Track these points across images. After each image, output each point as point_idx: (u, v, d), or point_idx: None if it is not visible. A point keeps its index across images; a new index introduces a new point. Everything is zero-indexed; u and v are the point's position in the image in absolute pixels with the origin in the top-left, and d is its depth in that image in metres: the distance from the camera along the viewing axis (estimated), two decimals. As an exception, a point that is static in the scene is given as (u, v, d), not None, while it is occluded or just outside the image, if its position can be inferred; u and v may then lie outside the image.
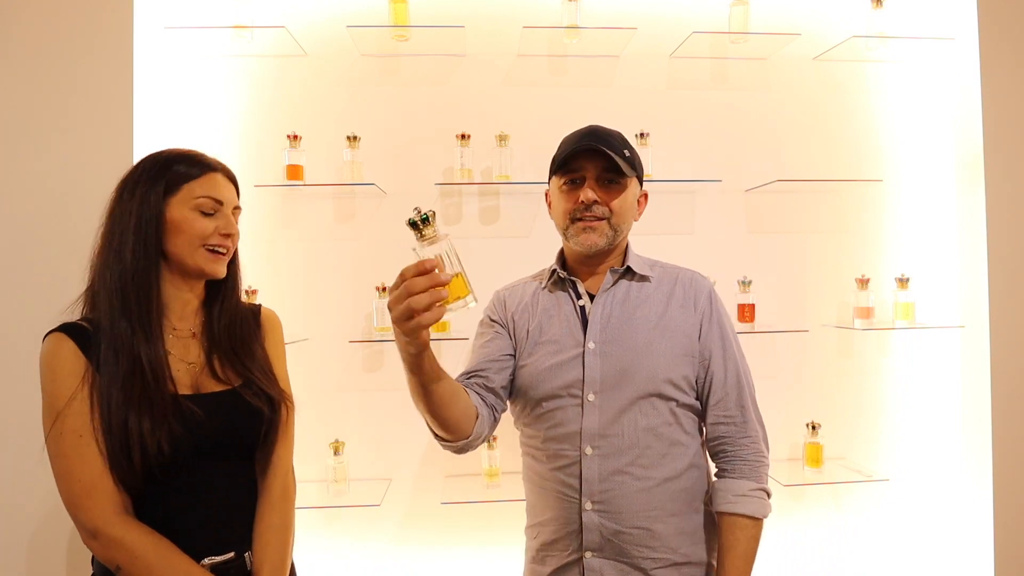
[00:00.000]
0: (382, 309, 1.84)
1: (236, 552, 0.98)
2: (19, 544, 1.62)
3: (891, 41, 1.90)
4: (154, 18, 1.76)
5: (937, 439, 2.03)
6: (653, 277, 1.16)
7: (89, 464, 0.88)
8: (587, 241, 1.10)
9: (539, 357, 1.14)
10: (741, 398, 1.10)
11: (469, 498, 1.83)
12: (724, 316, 1.14)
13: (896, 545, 2.02)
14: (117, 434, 0.89)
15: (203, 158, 1.02)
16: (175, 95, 1.84)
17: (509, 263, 1.96)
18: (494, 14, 1.91)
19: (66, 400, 0.89)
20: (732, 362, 1.11)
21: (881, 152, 2.04)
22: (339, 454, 1.81)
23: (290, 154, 1.81)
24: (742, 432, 1.09)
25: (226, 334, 1.04)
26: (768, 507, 1.07)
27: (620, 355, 1.08)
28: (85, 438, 0.89)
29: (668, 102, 1.99)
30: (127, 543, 0.88)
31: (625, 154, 1.10)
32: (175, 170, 0.97)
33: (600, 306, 1.13)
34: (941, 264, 2.02)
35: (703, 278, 1.18)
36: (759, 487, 1.07)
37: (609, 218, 1.10)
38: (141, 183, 0.96)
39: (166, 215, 0.96)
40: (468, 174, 1.87)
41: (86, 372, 0.91)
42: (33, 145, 1.64)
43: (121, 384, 0.90)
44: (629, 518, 1.05)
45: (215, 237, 0.99)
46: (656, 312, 1.11)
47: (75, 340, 0.92)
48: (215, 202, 0.99)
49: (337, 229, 1.93)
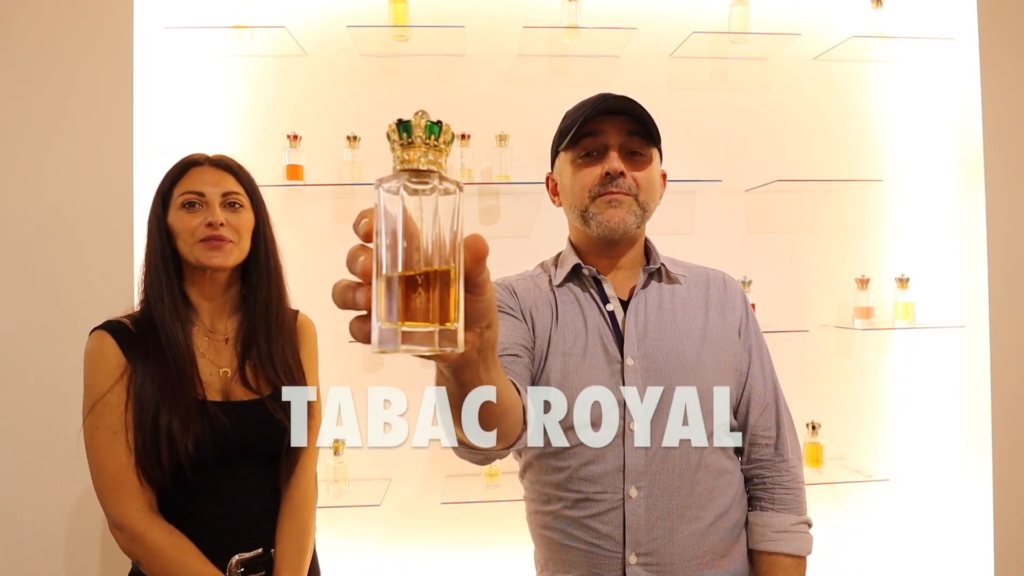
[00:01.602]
0: (382, 309, 1.84)
1: (264, 548, 1.02)
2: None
3: (891, 41, 1.90)
4: (154, 18, 1.76)
5: (937, 439, 2.03)
6: (684, 278, 1.01)
7: (119, 460, 0.92)
8: (614, 218, 0.92)
9: (566, 370, 0.94)
10: (779, 414, 0.99)
11: (469, 498, 1.83)
12: (756, 322, 1.03)
13: (896, 545, 2.02)
14: (149, 432, 0.93)
15: (189, 157, 1.05)
16: (175, 95, 1.84)
17: (509, 263, 1.95)
18: (494, 14, 1.91)
19: (102, 396, 0.93)
20: (770, 373, 1.00)
21: (881, 152, 2.03)
22: (339, 454, 1.81)
23: (290, 154, 1.81)
24: (781, 456, 0.97)
25: (277, 348, 1.07)
26: (811, 542, 0.95)
27: (668, 373, 0.91)
28: (118, 435, 0.93)
29: (668, 102, 1.99)
30: (147, 540, 0.92)
31: (648, 119, 0.95)
32: (168, 177, 1.03)
33: (635, 312, 0.95)
34: (941, 264, 2.02)
35: (733, 279, 1.06)
36: (801, 520, 0.95)
37: (637, 194, 0.93)
38: (155, 196, 1.04)
39: (167, 222, 1.02)
40: (468, 174, 1.87)
41: (124, 370, 0.95)
42: (33, 145, 1.64)
43: (154, 384, 0.94)
44: (681, 569, 0.88)
45: (202, 229, 1.01)
46: (698, 321, 0.97)
47: (116, 338, 0.96)
48: (195, 195, 1.02)
49: (337, 229, 1.93)
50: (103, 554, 1.64)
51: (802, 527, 0.95)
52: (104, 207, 1.63)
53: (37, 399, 1.62)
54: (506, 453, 0.80)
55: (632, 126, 0.94)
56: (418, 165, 0.41)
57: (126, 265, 1.63)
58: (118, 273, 1.63)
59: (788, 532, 0.93)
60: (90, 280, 1.63)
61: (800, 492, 0.97)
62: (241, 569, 0.98)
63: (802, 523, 0.95)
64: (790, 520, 0.94)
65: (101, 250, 1.63)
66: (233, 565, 0.98)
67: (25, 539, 1.62)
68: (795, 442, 1.00)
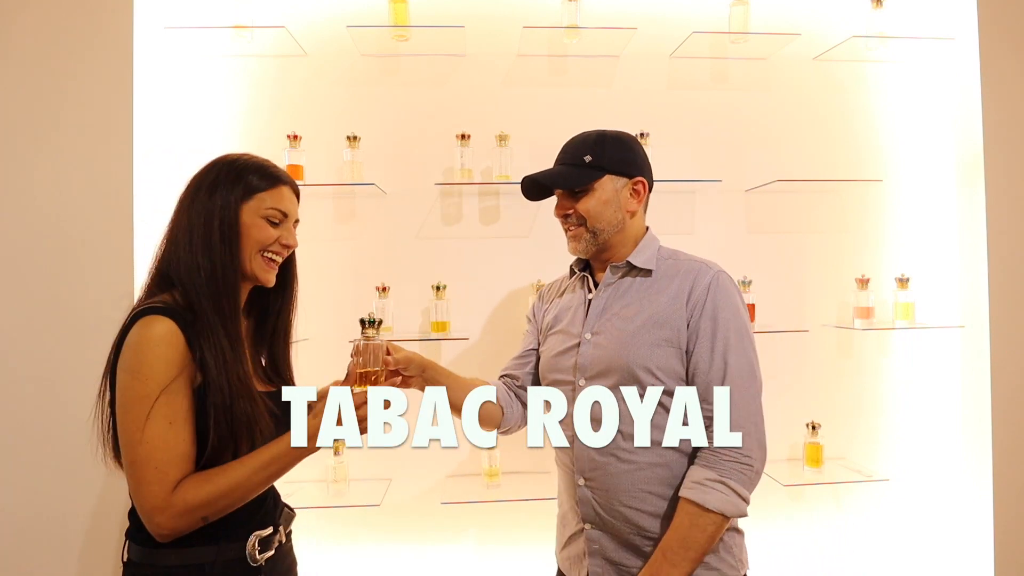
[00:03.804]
0: (382, 309, 1.85)
1: (273, 527, 1.06)
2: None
3: (891, 41, 1.90)
4: (154, 18, 1.76)
5: (937, 439, 2.03)
6: (657, 271, 1.17)
7: (172, 451, 0.91)
8: (572, 249, 1.22)
9: (549, 345, 1.25)
10: (721, 395, 1.06)
11: (469, 498, 1.83)
12: (724, 309, 1.11)
13: (896, 545, 2.02)
14: (228, 421, 0.93)
15: (276, 170, 1.08)
16: (175, 95, 1.84)
17: (509, 263, 1.97)
18: (494, 14, 1.92)
19: (163, 386, 0.90)
20: (720, 355, 1.08)
21: (881, 152, 2.03)
22: (339, 454, 1.81)
23: (290, 154, 1.81)
24: (714, 430, 1.05)
25: (281, 342, 1.15)
26: (727, 503, 1.02)
27: (606, 344, 1.13)
28: (175, 425, 0.91)
29: (668, 102, 1.99)
30: (195, 499, 0.91)
31: (586, 160, 1.15)
32: (250, 179, 1.03)
33: (599, 299, 1.19)
34: (941, 264, 2.02)
35: (708, 269, 1.15)
36: (719, 479, 1.04)
37: (585, 223, 1.17)
38: (221, 186, 1.02)
39: (240, 219, 1.02)
40: (468, 174, 1.87)
41: (186, 360, 0.93)
42: (33, 145, 1.64)
43: (227, 373, 0.95)
44: (617, 496, 1.10)
45: (275, 245, 1.05)
46: (649, 304, 1.13)
47: (180, 325, 0.93)
48: (282, 214, 1.06)
49: (337, 229, 1.93)
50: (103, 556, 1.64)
51: (719, 485, 1.03)
52: (104, 207, 1.63)
53: (36, 399, 1.62)
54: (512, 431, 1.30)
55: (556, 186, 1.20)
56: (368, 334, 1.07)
57: (126, 265, 1.63)
58: (118, 273, 1.63)
59: (701, 484, 1.04)
60: (90, 280, 1.63)
61: (731, 461, 1.04)
62: (258, 548, 1.01)
63: (719, 481, 1.03)
64: (707, 475, 1.04)
65: (101, 250, 1.63)
66: (252, 545, 1.01)
67: (24, 539, 1.62)
68: (756, 429, 1.07)
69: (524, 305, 1.95)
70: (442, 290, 1.86)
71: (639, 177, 1.18)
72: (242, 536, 1.00)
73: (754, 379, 1.10)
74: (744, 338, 1.11)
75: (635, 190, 1.18)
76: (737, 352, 1.09)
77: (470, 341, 1.93)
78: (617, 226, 1.18)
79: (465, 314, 1.94)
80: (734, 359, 1.09)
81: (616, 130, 1.21)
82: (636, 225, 1.21)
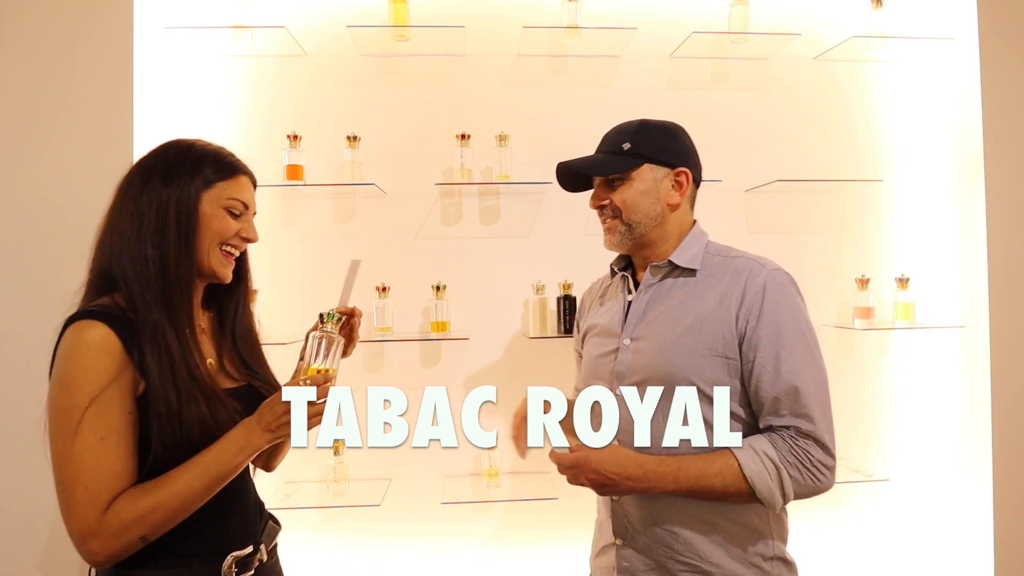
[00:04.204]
0: (382, 309, 1.85)
1: (253, 546, 0.98)
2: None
3: (891, 41, 1.90)
4: (154, 18, 1.76)
5: (937, 439, 2.03)
6: (703, 270, 1.07)
7: (104, 468, 0.81)
8: (607, 243, 1.13)
9: (588, 348, 1.18)
10: (797, 406, 0.96)
11: (469, 498, 1.84)
12: (785, 314, 0.99)
13: (896, 545, 2.02)
14: (175, 428, 0.85)
15: (235, 159, 1.00)
16: (175, 95, 1.84)
17: (509, 263, 1.97)
18: (494, 14, 1.91)
19: (93, 396, 0.81)
20: (788, 374, 0.96)
21: (881, 152, 2.03)
22: (339, 454, 1.81)
23: (290, 154, 1.81)
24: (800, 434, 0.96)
25: (242, 340, 1.06)
26: (764, 486, 0.94)
27: (647, 351, 1.04)
28: (107, 440, 0.81)
29: (668, 102, 1.99)
30: (128, 515, 0.81)
31: (624, 148, 1.08)
32: (210, 167, 0.95)
33: (639, 301, 1.10)
34: (941, 264, 2.02)
35: (761, 267, 1.03)
36: (777, 464, 0.94)
37: (620, 215, 1.08)
38: (178, 173, 0.93)
39: (200, 209, 0.93)
40: (468, 174, 1.87)
41: (124, 367, 0.84)
42: (33, 145, 1.64)
43: (173, 377, 0.86)
44: (653, 515, 1.02)
45: (235, 238, 0.98)
46: (693, 308, 1.03)
47: (115, 329, 0.84)
48: (243, 205, 0.99)
49: (337, 229, 1.93)
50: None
51: (770, 465, 0.94)
52: (104, 207, 1.63)
53: (35, 399, 1.61)
54: None
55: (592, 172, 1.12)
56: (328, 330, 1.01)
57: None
58: (118, 273, 1.63)
59: (755, 452, 0.95)
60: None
61: (803, 462, 0.95)
62: (235, 569, 0.93)
63: (774, 464, 0.94)
64: (767, 450, 0.95)
65: (101, 250, 1.63)
66: (228, 566, 0.92)
67: (16, 537, 1.62)
68: (831, 443, 0.98)
69: (524, 305, 1.96)
70: (442, 290, 1.86)
71: (682, 168, 1.10)
72: (218, 556, 0.92)
73: (828, 394, 1.00)
74: (812, 347, 1.00)
75: (677, 181, 1.09)
76: (807, 367, 0.98)
77: (470, 341, 1.92)
78: (656, 219, 1.08)
79: (465, 314, 1.94)
80: (804, 377, 0.97)
81: (662, 119, 1.13)
82: (679, 219, 1.12)
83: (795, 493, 0.97)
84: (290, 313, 1.89)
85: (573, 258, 1.95)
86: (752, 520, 1.02)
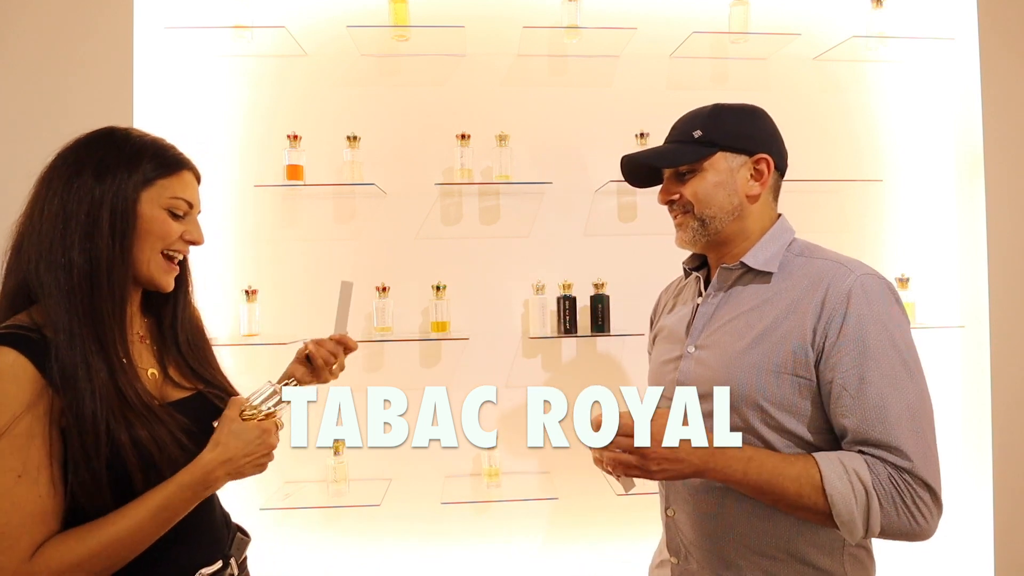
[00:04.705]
0: (382, 309, 1.85)
1: (223, 561, 0.92)
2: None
3: (891, 41, 1.90)
4: (154, 18, 1.76)
5: (937, 439, 2.02)
6: (779, 272, 0.94)
7: (19, 509, 0.71)
8: (679, 242, 1.03)
9: (656, 352, 1.10)
10: (887, 436, 0.80)
11: (469, 498, 1.84)
12: (874, 328, 0.83)
13: (896, 545, 2.01)
14: (106, 457, 0.75)
15: (179, 153, 0.90)
16: (175, 95, 1.84)
17: (509, 263, 1.97)
18: (494, 14, 1.91)
19: (2, 431, 0.71)
20: (875, 387, 0.81)
21: (881, 152, 2.04)
22: (339, 454, 1.81)
23: (290, 154, 1.81)
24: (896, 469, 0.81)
25: (187, 346, 0.95)
26: (846, 508, 0.79)
27: (710, 362, 0.94)
28: (24, 477, 0.71)
29: (668, 102, 1.97)
30: (60, 563, 0.72)
31: (695, 135, 0.96)
32: (149, 162, 0.84)
33: (707, 305, 1.00)
34: (941, 264, 2.02)
35: (847, 271, 0.88)
36: (867, 487, 0.79)
37: (692, 209, 0.98)
38: (112, 168, 0.82)
39: (139, 210, 0.82)
40: (468, 174, 1.87)
41: (41, 393, 0.73)
42: (33, 145, 1.63)
43: (102, 400, 0.76)
44: (704, 540, 0.94)
45: (178, 242, 0.87)
46: (765, 315, 0.92)
47: (27, 354, 0.73)
48: (187, 204, 0.88)
49: (337, 229, 1.93)
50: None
51: (859, 487, 0.79)
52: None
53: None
54: None
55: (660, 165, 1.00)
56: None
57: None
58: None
59: (844, 468, 0.80)
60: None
61: (901, 493, 0.80)
62: None
63: (863, 487, 0.79)
64: (859, 469, 0.80)
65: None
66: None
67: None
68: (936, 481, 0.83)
69: (524, 305, 1.96)
70: (442, 290, 1.86)
71: (762, 154, 0.96)
72: (184, 573, 0.85)
73: (931, 425, 0.85)
74: (909, 367, 0.83)
75: (757, 170, 0.97)
76: (900, 391, 0.82)
77: (470, 341, 1.92)
78: (732, 213, 0.96)
79: (465, 314, 1.94)
80: (896, 402, 0.81)
81: (741, 102, 1.01)
82: (760, 213, 0.98)
83: (883, 529, 0.81)
84: (290, 313, 1.90)
85: (573, 258, 1.95)
86: (819, 560, 0.89)
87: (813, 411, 0.87)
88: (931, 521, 0.82)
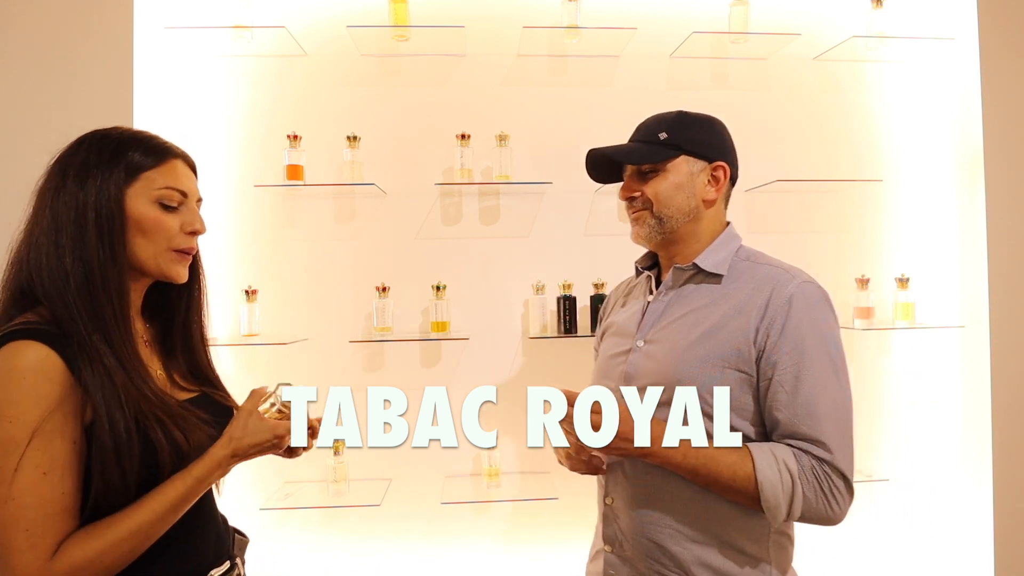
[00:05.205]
0: (382, 309, 1.85)
1: (230, 562, 0.93)
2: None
3: (891, 41, 1.90)
4: (154, 18, 1.76)
5: (937, 439, 2.03)
6: (728, 276, 1.02)
7: (48, 509, 0.72)
8: (634, 236, 1.07)
9: (604, 347, 1.14)
10: (814, 431, 0.90)
11: (469, 498, 1.84)
12: (811, 332, 0.93)
13: (896, 545, 2.02)
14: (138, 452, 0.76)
15: (161, 142, 0.87)
16: (175, 95, 1.85)
17: (509, 263, 1.97)
18: (494, 14, 1.92)
19: (34, 428, 0.71)
20: (807, 385, 0.91)
21: (881, 152, 2.03)
22: (339, 454, 1.81)
23: (290, 154, 1.81)
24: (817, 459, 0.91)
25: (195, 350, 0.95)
26: (773, 490, 0.88)
27: (658, 356, 1.00)
28: (50, 474, 0.72)
29: (668, 102, 1.95)
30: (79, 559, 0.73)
31: (660, 137, 1.03)
32: (131, 155, 0.82)
33: (658, 302, 1.05)
34: (941, 264, 2.02)
35: (790, 277, 0.98)
36: (794, 476, 0.89)
37: (651, 207, 1.03)
38: (94, 169, 0.80)
39: (126, 209, 0.81)
40: (468, 174, 1.87)
41: (70, 391, 0.73)
42: (33, 145, 1.63)
43: (128, 399, 0.76)
44: (640, 526, 0.99)
45: (181, 237, 0.85)
46: (711, 314, 0.98)
47: (56, 349, 0.73)
48: (180, 193, 0.85)
49: (337, 229, 1.93)
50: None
51: (786, 475, 0.88)
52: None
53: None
54: None
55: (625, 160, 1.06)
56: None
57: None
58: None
59: (774, 457, 0.89)
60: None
61: (821, 481, 0.90)
62: None
63: (791, 476, 0.89)
64: (788, 459, 0.89)
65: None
66: None
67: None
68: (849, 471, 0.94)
69: (524, 305, 1.96)
70: (442, 290, 1.86)
71: (720, 162, 1.04)
72: (196, 574, 0.86)
73: (850, 422, 0.95)
74: (837, 370, 0.94)
75: (714, 176, 1.04)
76: (828, 390, 0.92)
77: (470, 341, 1.93)
78: (688, 215, 1.03)
79: (465, 314, 1.94)
80: (824, 400, 0.92)
81: (703, 112, 1.08)
82: (713, 218, 1.05)
83: (802, 514, 0.92)
84: (290, 313, 1.90)
85: (573, 258, 1.95)
86: (747, 546, 0.96)
87: (752, 405, 0.95)
88: (843, 507, 0.94)
